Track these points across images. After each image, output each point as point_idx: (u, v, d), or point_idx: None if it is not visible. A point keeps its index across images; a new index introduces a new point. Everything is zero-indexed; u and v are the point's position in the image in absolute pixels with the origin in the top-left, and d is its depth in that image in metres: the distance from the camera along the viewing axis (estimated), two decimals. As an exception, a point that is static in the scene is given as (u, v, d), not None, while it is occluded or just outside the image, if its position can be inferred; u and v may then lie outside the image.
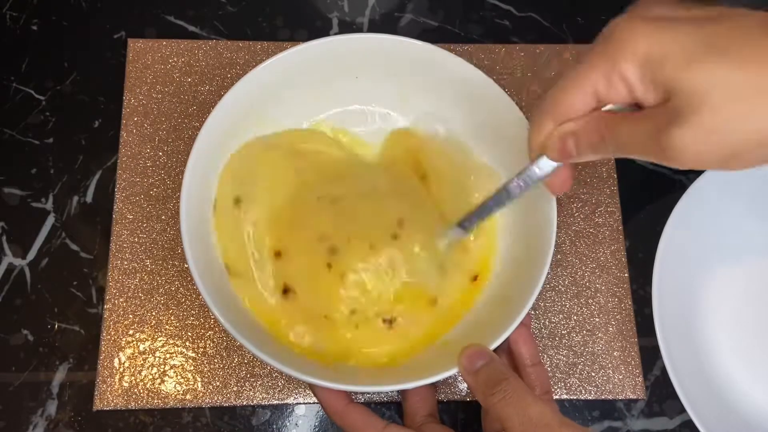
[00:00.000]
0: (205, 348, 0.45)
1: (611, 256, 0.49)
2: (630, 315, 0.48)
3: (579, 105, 0.31)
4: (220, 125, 0.42)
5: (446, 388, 0.46)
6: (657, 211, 0.49)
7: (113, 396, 0.44)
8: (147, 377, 0.44)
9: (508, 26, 0.56)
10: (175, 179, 0.49)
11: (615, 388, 0.46)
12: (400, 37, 0.44)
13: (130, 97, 0.51)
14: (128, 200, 0.48)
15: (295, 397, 0.45)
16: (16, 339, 0.46)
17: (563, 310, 0.48)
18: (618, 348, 0.47)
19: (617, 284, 0.49)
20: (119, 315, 0.46)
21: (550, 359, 0.47)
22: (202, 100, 0.51)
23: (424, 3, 0.56)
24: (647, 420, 0.47)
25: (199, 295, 0.46)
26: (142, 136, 0.50)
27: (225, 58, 0.52)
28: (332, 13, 0.55)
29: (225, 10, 0.55)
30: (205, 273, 0.39)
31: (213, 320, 0.46)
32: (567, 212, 0.50)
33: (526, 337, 0.39)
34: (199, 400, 0.44)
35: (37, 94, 0.51)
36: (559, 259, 0.49)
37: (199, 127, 0.41)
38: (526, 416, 0.32)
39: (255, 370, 0.45)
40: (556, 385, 0.46)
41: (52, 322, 0.46)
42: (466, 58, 0.44)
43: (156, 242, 0.47)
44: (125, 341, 0.45)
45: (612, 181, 0.51)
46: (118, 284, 0.46)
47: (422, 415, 0.39)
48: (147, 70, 0.51)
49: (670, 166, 0.28)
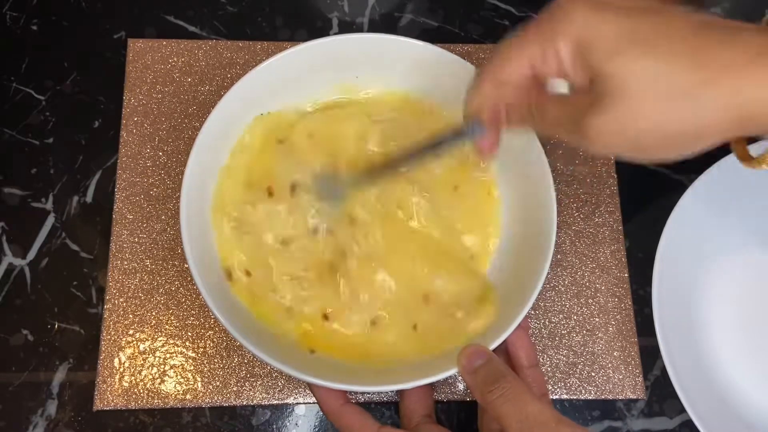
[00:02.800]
0: (205, 348, 0.45)
1: (611, 256, 0.49)
2: (630, 315, 0.48)
3: (516, 73, 0.32)
4: (220, 125, 0.42)
5: (445, 388, 0.46)
6: (657, 211, 0.49)
7: (113, 396, 0.44)
8: (147, 377, 0.44)
9: (508, 26, 0.56)
10: (175, 179, 0.49)
11: (615, 388, 0.46)
12: (400, 37, 0.44)
13: (130, 97, 0.51)
14: (128, 200, 0.48)
15: (295, 397, 0.45)
16: (16, 339, 0.46)
17: (563, 310, 0.48)
18: (618, 348, 0.47)
19: (617, 284, 0.49)
20: (119, 315, 0.46)
21: (550, 359, 0.47)
22: (202, 100, 0.51)
23: (424, 3, 0.56)
24: (647, 420, 0.47)
25: (199, 295, 0.46)
26: (142, 136, 0.50)
27: (225, 58, 0.52)
28: (332, 13, 0.55)
29: (225, 10, 0.55)
30: (205, 273, 0.39)
31: (213, 320, 0.46)
32: (567, 212, 0.50)
33: (523, 340, 0.40)
34: (199, 400, 0.44)
35: (37, 94, 0.51)
36: (559, 259, 0.49)
37: (199, 127, 0.41)
38: (524, 414, 0.32)
39: (255, 370, 0.45)
40: (556, 385, 0.46)
41: (52, 322, 0.46)
42: (466, 58, 0.44)
43: (156, 242, 0.47)
44: (125, 341, 0.45)
45: (612, 181, 0.51)
46: (118, 284, 0.46)
47: (419, 415, 0.39)
48: (147, 70, 0.51)
49: (587, 150, 0.29)
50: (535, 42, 0.30)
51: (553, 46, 0.29)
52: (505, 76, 0.32)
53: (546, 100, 0.31)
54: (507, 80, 0.32)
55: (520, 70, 0.31)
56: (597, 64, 0.27)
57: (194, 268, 0.38)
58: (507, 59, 0.32)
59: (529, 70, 0.31)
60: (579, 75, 0.29)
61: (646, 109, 0.26)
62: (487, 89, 0.33)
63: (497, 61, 0.32)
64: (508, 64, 0.32)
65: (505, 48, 0.32)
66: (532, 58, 0.30)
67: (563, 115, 0.30)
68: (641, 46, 0.26)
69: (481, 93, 0.34)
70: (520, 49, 0.31)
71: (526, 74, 0.31)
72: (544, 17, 0.30)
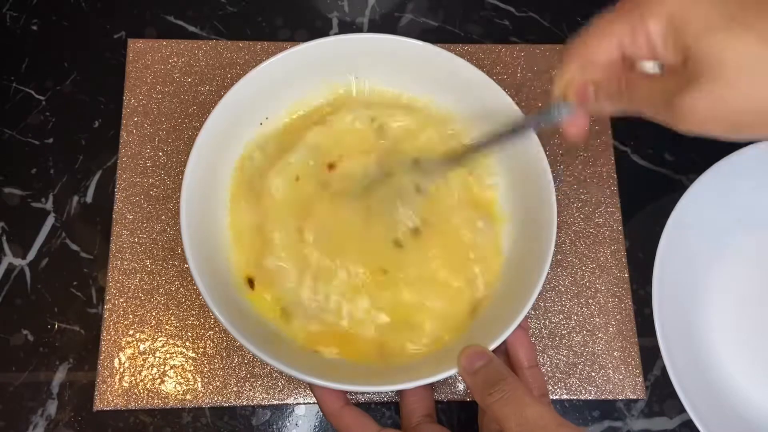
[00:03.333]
0: (205, 348, 0.45)
1: (611, 256, 0.49)
2: (630, 315, 0.48)
3: (603, 53, 0.31)
4: (220, 125, 0.42)
5: (445, 388, 0.46)
6: (657, 211, 0.49)
7: (113, 396, 0.44)
8: (147, 377, 0.44)
9: (507, 26, 0.56)
10: (175, 179, 0.49)
11: (615, 388, 0.46)
12: (400, 37, 0.44)
13: (130, 97, 0.51)
14: (128, 200, 0.48)
15: (295, 397, 0.45)
16: (16, 339, 0.46)
17: (563, 310, 0.48)
18: (618, 348, 0.47)
19: (617, 284, 0.49)
20: (119, 315, 0.46)
21: (550, 359, 0.47)
22: (202, 100, 0.51)
23: (424, 3, 0.56)
24: (647, 420, 0.47)
25: (199, 295, 0.46)
26: (142, 136, 0.50)
27: (225, 58, 0.52)
28: (332, 13, 0.55)
29: (225, 10, 0.55)
30: (205, 273, 0.39)
31: (213, 320, 0.46)
32: (567, 212, 0.50)
33: (523, 340, 0.39)
34: (199, 400, 0.44)
35: (37, 94, 0.51)
36: (559, 259, 0.49)
37: (199, 127, 0.41)
38: (524, 416, 0.32)
39: (255, 370, 0.45)
40: (556, 385, 0.46)
41: (52, 322, 0.46)
42: (466, 58, 0.44)
43: (156, 242, 0.47)
44: (125, 341, 0.45)
45: (612, 181, 0.51)
46: (118, 284, 0.46)
47: (419, 416, 0.39)
48: (147, 70, 0.51)
49: (677, 129, 0.28)
50: (624, 21, 0.30)
51: (643, 25, 0.29)
52: (593, 56, 0.32)
53: (636, 78, 0.30)
54: (595, 60, 0.32)
55: (609, 50, 0.31)
56: (692, 42, 0.27)
57: (194, 268, 0.38)
58: (595, 39, 0.31)
59: (618, 50, 0.31)
60: (671, 54, 0.29)
61: (745, 86, 0.26)
62: (574, 69, 0.33)
63: (584, 41, 0.32)
64: (596, 43, 0.31)
65: (593, 28, 0.31)
66: (620, 38, 0.30)
67: (655, 94, 0.29)
68: (739, 24, 0.26)
69: (568, 73, 0.33)
70: (608, 28, 0.31)
71: (615, 54, 0.31)
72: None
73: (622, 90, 0.31)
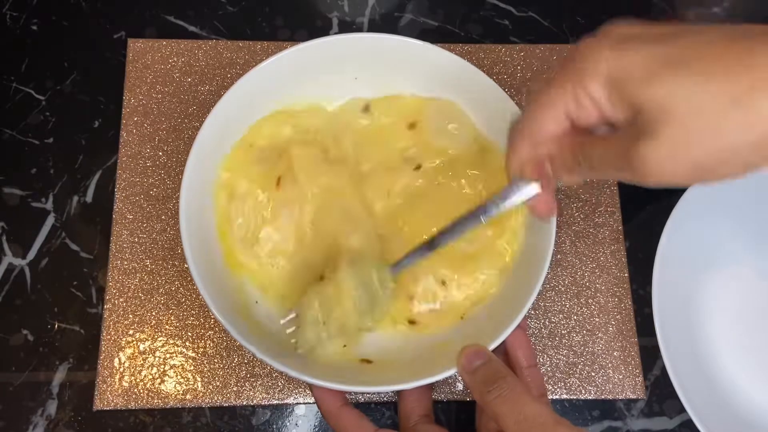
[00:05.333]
0: (205, 348, 0.45)
1: (611, 256, 0.49)
2: (630, 315, 0.48)
3: (552, 127, 0.31)
4: (219, 125, 0.42)
5: (445, 387, 0.46)
6: (657, 211, 0.49)
7: (113, 396, 0.44)
8: (147, 377, 0.44)
9: (507, 26, 0.56)
10: (175, 179, 0.49)
11: (615, 388, 0.46)
12: (400, 37, 0.44)
13: (130, 97, 0.51)
14: (128, 200, 0.48)
15: (295, 397, 0.45)
16: (16, 339, 0.46)
17: (563, 310, 0.48)
18: (618, 348, 0.47)
19: (617, 284, 0.49)
20: (119, 315, 0.46)
21: (550, 359, 0.47)
22: (202, 100, 0.51)
23: (424, 3, 0.56)
24: (647, 420, 0.47)
25: (199, 295, 0.46)
26: (142, 136, 0.50)
27: (225, 58, 0.52)
28: (332, 13, 0.55)
29: (225, 10, 0.55)
30: (206, 273, 0.39)
31: (213, 320, 0.46)
32: (567, 212, 0.50)
33: (522, 340, 0.39)
34: (199, 400, 0.44)
35: (37, 94, 0.51)
36: (559, 259, 0.49)
37: (199, 126, 0.41)
38: (522, 415, 0.32)
39: (255, 370, 0.45)
40: (556, 384, 0.46)
41: (52, 322, 0.46)
42: (466, 58, 0.44)
43: (156, 242, 0.47)
44: (125, 341, 0.45)
45: (612, 181, 0.51)
46: (118, 284, 0.46)
47: (417, 415, 0.39)
48: (147, 70, 0.51)
49: (642, 184, 0.28)
50: (565, 89, 0.29)
51: (585, 89, 0.29)
52: (542, 131, 0.31)
53: (590, 142, 0.30)
54: (545, 134, 0.31)
55: (556, 121, 0.31)
56: (637, 94, 0.27)
57: (194, 268, 0.38)
58: (540, 113, 0.31)
59: (566, 120, 0.30)
60: (619, 111, 0.28)
61: (700, 127, 0.25)
62: (526, 149, 0.33)
63: (529, 117, 0.32)
64: (542, 117, 0.31)
65: (534, 103, 0.31)
66: (565, 107, 0.30)
67: (611, 154, 0.29)
68: (676, 68, 0.26)
69: (520, 154, 0.33)
70: (551, 100, 0.30)
71: (564, 125, 0.31)
72: (567, 64, 0.29)
73: (579, 159, 0.30)
